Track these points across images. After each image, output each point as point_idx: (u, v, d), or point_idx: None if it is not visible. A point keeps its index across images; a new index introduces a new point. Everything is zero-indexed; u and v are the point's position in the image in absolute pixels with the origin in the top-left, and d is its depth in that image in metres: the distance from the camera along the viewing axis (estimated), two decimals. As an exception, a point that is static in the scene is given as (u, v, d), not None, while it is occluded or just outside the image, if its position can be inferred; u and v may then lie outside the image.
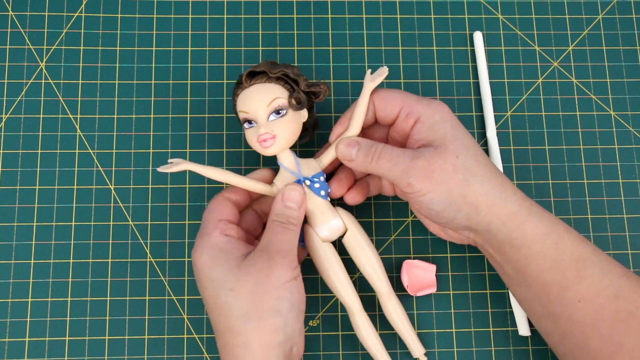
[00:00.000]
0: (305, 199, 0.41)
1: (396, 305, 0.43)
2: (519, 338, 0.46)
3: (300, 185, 0.41)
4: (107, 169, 0.48)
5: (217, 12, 0.51)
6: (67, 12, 0.50)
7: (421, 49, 0.51)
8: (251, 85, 0.41)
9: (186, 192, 0.47)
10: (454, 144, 0.39)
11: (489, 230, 0.39)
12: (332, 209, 0.42)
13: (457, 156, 0.38)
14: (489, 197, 0.38)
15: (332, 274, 0.41)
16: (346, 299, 0.42)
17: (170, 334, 0.45)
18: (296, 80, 0.42)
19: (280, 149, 0.41)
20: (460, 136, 0.39)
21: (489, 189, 0.38)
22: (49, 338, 0.45)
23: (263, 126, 0.40)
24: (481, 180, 0.38)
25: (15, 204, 0.47)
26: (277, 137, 0.40)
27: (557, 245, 0.38)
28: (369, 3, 0.52)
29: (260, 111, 0.40)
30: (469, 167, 0.38)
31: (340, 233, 0.43)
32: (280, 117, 0.41)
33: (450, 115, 0.40)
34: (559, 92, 0.50)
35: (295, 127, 0.41)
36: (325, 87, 0.42)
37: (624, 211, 0.48)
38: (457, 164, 0.38)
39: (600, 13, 0.52)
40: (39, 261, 0.46)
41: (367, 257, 0.42)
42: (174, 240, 0.47)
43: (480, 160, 0.39)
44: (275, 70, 0.41)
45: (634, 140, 0.50)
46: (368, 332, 0.42)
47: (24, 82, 0.49)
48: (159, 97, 0.49)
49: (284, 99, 0.41)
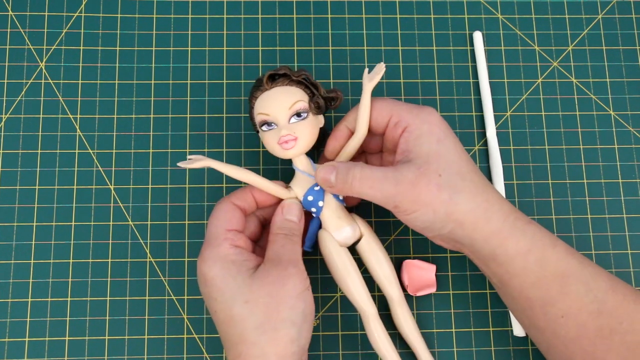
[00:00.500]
0: (303, 212, 0.42)
1: (406, 314, 0.43)
2: (518, 338, 0.46)
3: (298, 202, 0.42)
4: (106, 169, 0.48)
5: (217, 12, 0.51)
6: (67, 12, 0.50)
7: (421, 49, 0.51)
8: (272, 87, 0.41)
9: (186, 192, 0.47)
10: (438, 161, 0.38)
11: (473, 245, 0.39)
12: (348, 214, 0.43)
13: (440, 174, 0.38)
14: (474, 215, 0.38)
15: (348, 280, 0.41)
16: (361, 304, 0.42)
17: (170, 334, 0.45)
18: (316, 85, 0.42)
19: (300, 152, 0.41)
20: (444, 152, 0.38)
21: (474, 207, 0.38)
22: (48, 338, 0.45)
23: (285, 128, 0.40)
24: (466, 198, 0.38)
25: (15, 204, 0.47)
26: (298, 139, 0.40)
27: (540, 262, 0.38)
28: (368, 3, 0.52)
29: (281, 113, 0.40)
30: (453, 185, 0.38)
31: (355, 239, 0.43)
32: (302, 120, 0.41)
33: (438, 127, 0.39)
34: (559, 92, 0.50)
35: (315, 131, 0.42)
36: (341, 94, 0.43)
37: (624, 211, 0.48)
38: (441, 182, 0.38)
39: (600, 13, 0.52)
40: (38, 261, 0.46)
41: (380, 264, 0.43)
42: (174, 241, 0.47)
43: (466, 175, 0.38)
44: (297, 74, 0.41)
45: (634, 140, 0.50)
46: (382, 338, 0.42)
47: (23, 82, 0.49)
48: (159, 97, 0.49)
49: (305, 103, 0.41)
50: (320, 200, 0.42)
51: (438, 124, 0.39)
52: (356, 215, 0.43)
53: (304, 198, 0.42)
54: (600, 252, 0.47)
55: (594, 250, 0.47)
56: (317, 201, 0.42)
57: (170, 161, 0.48)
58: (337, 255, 0.41)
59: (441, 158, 0.38)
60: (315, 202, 0.42)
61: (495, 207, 0.38)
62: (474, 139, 0.49)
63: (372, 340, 0.42)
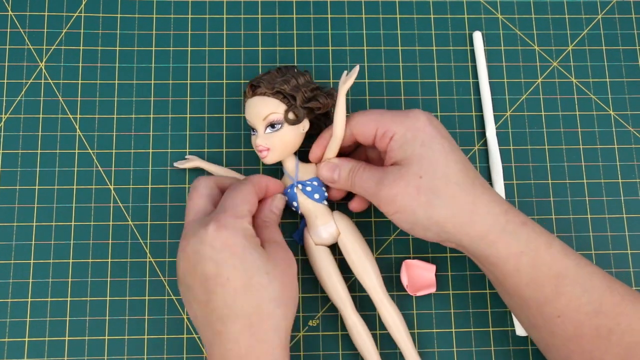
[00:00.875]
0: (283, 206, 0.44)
1: (392, 313, 0.43)
2: (518, 338, 0.46)
3: (284, 196, 0.44)
4: (106, 169, 0.48)
5: (217, 12, 0.51)
6: (67, 12, 0.50)
7: (421, 49, 0.51)
8: (253, 96, 0.43)
9: (185, 192, 0.47)
10: (419, 163, 0.38)
11: (462, 245, 0.39)
12: (327, 212, 0.44)
13: (421, 176, 0.38)
14: (456, 219, 0.38)
15: (324, 277, 0.43)
16: (337, 301, 0.43)
17: (170, 334, 0.45)
18: (294, 96, 0.42)
19: (275, 160, 0.43)
20: (428, 154, 0.38)
21: (456, 211, 0.38)
22: (48, 338, 0.45)
23: (260, 138, 0.42)
24: (446, 202, 0.38)
25: (14, 204, 0.47)
26: (271, 150, 0.42)
27: (533, 263, 0.38)
28: (368, 3, 0.52)
29: (257, 123, 0.42)
30: (434, 188, 0.38)
31: (334, 238, 0.44)
32: (275, 132, 0.42)
33: (422, 132, 0.39)
34: (559, 92, 0.50)
35: (292, 139, 0.43)
36: (325, 99, 0.43)
37: (624, 211, 0.48)
38: (420, 185, 0.38)
39: (599, 13, 0.52)
40: (38, 261, 0.46)
41: (360, 259, 0.43)
42: (174, 240, 0.47)
43: (451, 178, 0.38)
44: (270, 86, 0.42)
45: (634, 140, 0.50)
46: (359, 332, 0.43)
47: (23, 82, 0.49)
48: (159, 97, 0.49)
49: (279, 114, 0.42)
50: (294, 201, 0.44)
51: (423, 128, 0.39)
52: (337, 213, 0.44)
53: None
54: (600, 252, 0.47)
55: (593, 250, 0.47)
56: (292, 202, 0.44)
57: (170, 161, 0.48)
58: (315, 253, 0.43)
59: (423, 160, 0.38)
60: (290, 202, 0.44)
61: (482, 210, 0.38)
62: (474, 139, 0.49)
63: (350, 335, 0.43)
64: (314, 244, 0.44)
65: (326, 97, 0.43)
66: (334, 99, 0.43)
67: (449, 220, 0.38)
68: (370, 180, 0.40)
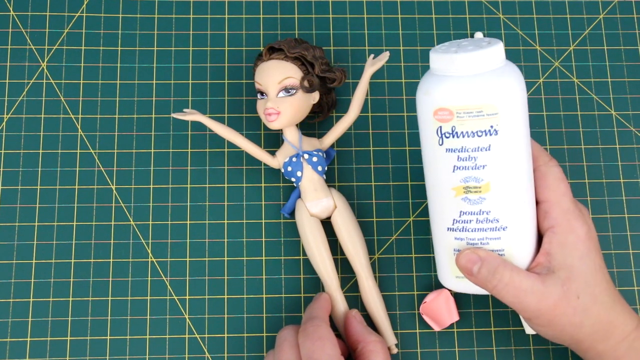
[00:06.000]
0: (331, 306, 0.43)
1: (372, 287, 0.44)
2: (521, 337, 0.46)
3: (327, 296, 0.43)
4: (108, 169, 0.48)
5: (219, 12, 0.51)
6: (69, 12, 0.50)
7: (422, 49, 0.51)
8: (269, 59, 0.43)
9: (187, 192, 0.47)
10: (578, 281, 0.38)
11: (584, 354, 0.40)
12: (325, 187, 0.44)
13: (579, 296, 0.37)
14: (593, 337, 0.38)
15: (315, 250, 0.43)
16: (324, 275, 0.43)
17: (172, 334, 0.45)
18: (312, 64, 0.43)
19: (282, 125, 0.43)
20: (584, 271, 0.38)
21: (596, 330, 0.38)
22: (50, 338, 0.45)
23: (271, 101, 0.43)
24: (591, 323, 0.38)
25: (16, 204, 0.47)
26: (281, 114, 0.43)
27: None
28: (370, 3, 0.52)
29: (271, 86, 0.43)
30: (586, 310, 0.38)
31: (329, 212, 0.44)
32: (289, 96, 0.43)
33: (582, 242, 0.38)
34: (560, 92, 0.50)
35: (303, 107, 0.43)
36: (341, 74, 0.44)
37: (625, 211, 0.48)
38: (577, 306, 0.37)
39: (601, 13, 0.52)
40: (40, 261, 0.46)
41: (351, 236, 0.44)
42: (176, 240, 0.47)
43: (598, 298, 0.38)
44: (293, 50, 0.43)
45: (635, 140, 0.50)
46: (340, 310, 0.43)
47: (25, 82, 0.49)
48: (160, 97, 0.49)
49: (295, 79, 0.43)
50: (299, 170, 0.44)
51: (583, 239, 0.38)
52: (334, 189, 0.45)
53: (284, 168, 0.44)
54: (602, 252, 0.47)
55: (595, 250, 0.47)
56: (296, 171, 0.44)
57: (171, 161, 0.48)
58: (308, 225, 0.43)
59: (580, 277, 0.38)
60: (294, 172, 0.44)
61: (618, 329, 0.38)
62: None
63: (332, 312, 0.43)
64: (309, 215, 0.44)
65: (341, 72, 0.44)
66: (346, 77, 0.44)
67: (587, 338, 0.38)
68: (529, 295, 0.37)
